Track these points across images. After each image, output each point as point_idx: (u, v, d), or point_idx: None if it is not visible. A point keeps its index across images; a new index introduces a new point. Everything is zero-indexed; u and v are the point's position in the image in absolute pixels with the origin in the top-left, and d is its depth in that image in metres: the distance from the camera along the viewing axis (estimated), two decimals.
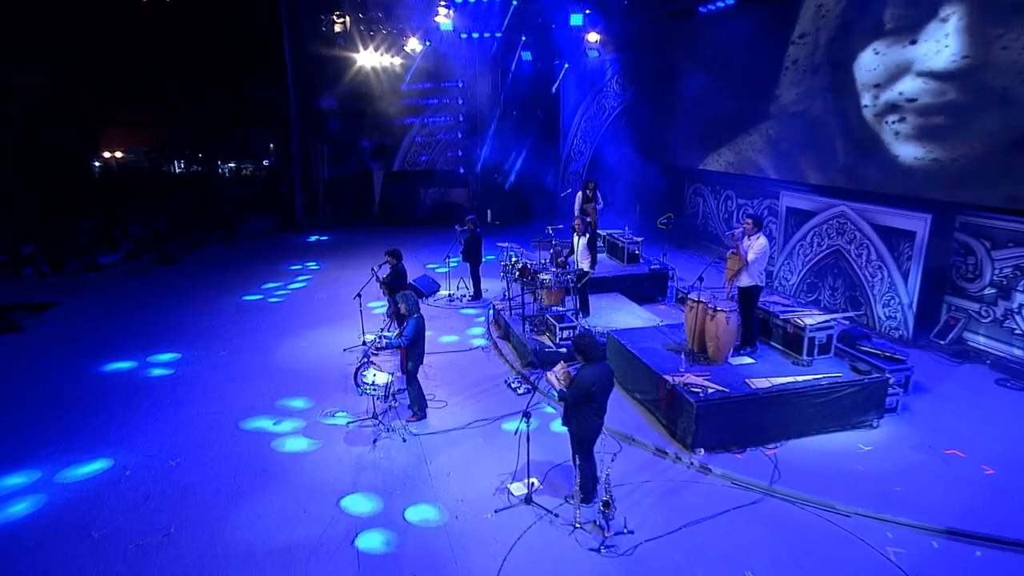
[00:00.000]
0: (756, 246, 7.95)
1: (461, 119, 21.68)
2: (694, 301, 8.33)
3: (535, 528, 6.02)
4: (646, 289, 12.54)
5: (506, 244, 11.02)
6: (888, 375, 7.53)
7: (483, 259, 12.92)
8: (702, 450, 7.08)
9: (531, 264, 10.22)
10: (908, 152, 9.83)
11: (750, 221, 8.00)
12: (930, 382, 8.58)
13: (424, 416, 8.10)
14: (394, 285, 10.12)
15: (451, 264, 13.23)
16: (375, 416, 7.99)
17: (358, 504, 6.44)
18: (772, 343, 8.58)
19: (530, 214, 20.57)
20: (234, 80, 26.98)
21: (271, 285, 14.54)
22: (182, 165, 35.71)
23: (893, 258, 10.15)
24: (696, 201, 17.37)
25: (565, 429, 6.10)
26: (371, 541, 5.88)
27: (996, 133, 8.58)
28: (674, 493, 6.57)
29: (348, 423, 8.00)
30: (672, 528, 5.97)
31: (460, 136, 21.82)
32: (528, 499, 6.39)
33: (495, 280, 13.53)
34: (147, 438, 7.81)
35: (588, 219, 11.48)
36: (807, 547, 5.68)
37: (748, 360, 8.17)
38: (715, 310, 7.93)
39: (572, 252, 11.02)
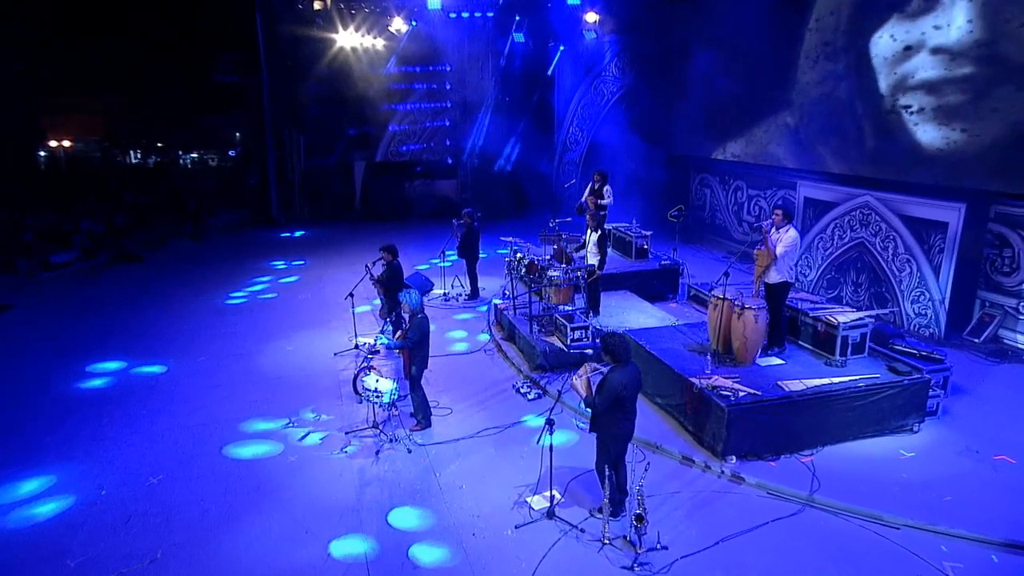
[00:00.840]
0: (786, 239, 7.89)
1: (449, 106, 21.50)
2: (718, 298, 8.25)
3: (561, 545, 5.91)
4: (656, 286, 12.47)
5: (510, 238, 10.88)
6: (927, 376, 7.51)
7: (480, 255, 12.77)
8: (733, 458, 7.01)
9: (538, 259, 10.09)
10: (937, 137, 9.86)
11: (780, 212, 7.93)
12: (968, 383, 8.59)
13: (429, 424, 7.96)
14: (389, 284, 9.96)
15: (446, 261, 13.06)
16: (376, 425, 7.82)
17: (365, 522, 6.26)
18: (800, 342, 8.53)
19: (525, 207, 20.44)
20: (199, 63, 26.51)
21: (251, 285, 14.27)
22: (138, 155, 35.13)
23: (923, 251, 10.18)
24: (703, 192, 17.37)
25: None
26: (381, 561, 5.72)
27: None
28: (706, 504, 6.50)
29: (347, 433, 7.83)
30: (708, 543, 5.89)
31: (448, 124, 21.64)
32: (551, 513, 6.28)
33: (493, 278, 13.42)
34: (123, 453, 7.57)
35: (589, 212, 11.55)
36: (856, 562, 5.62)
37: (777, 361, 8.11)
38: (743, 308, 7.86)
39: (583, 246, 10.94)
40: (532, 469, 7.05)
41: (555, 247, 11.21)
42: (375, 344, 7.61)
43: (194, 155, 37.01)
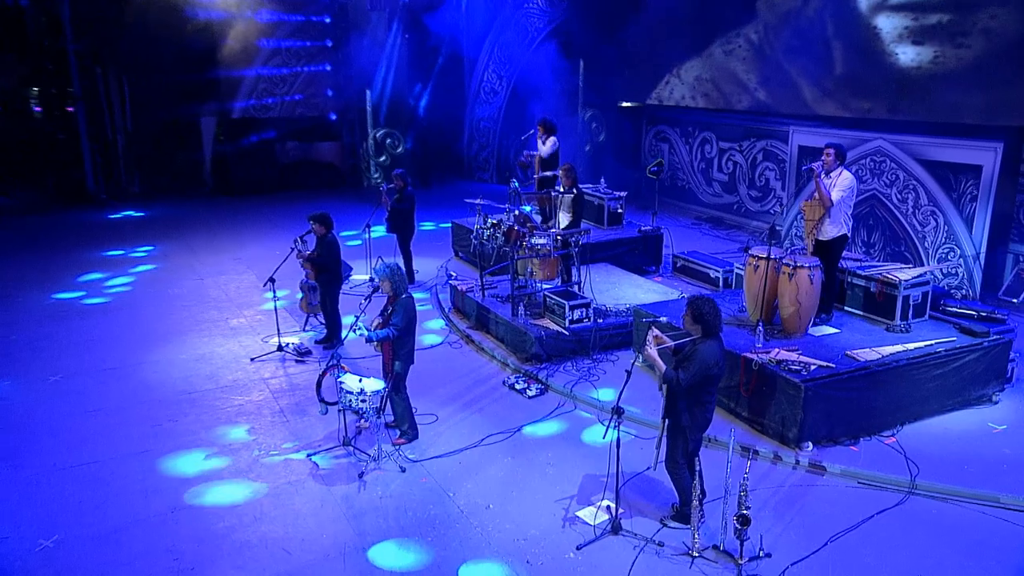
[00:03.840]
0: (840, 183, 8.21)
1: (331, 45, 20.76)
2: (757, 257, 8.47)
3: (641, 563, 5.86)
4: (633, 258, 12.66)
5: (478, 200, 10.62)
6: (1007, 336, 8.10)
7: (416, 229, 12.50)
8: (810, 444, 7.22)
9: (517, 227, 9.96)
10: (967, 65, 10.64)
11: (832, 151, 8.22)
12: None
13: (416, 435, 7.65)
14: (320, 262, 9.55)
15: (369, 235, 12.62)
16: (347, 442, 7.40)
17: (379, 563, 5.89)
18: (848, 308, 8.94)
19: (434, 174, 20.22)
20: None
21: (87, 279, 13.11)
22: None
23: (952, 200, 10.99)
24: (659, 148, 17.83)
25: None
26: None
27: None
28: (793, 501, 6.67)
29: (308, 455, 7.35)
30: (816, 545, 6.03)
31: (329, 68, 20.90)
32: (616, 527, 6.20)
33: (426, 259, 13.31)
34: None
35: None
36: (989, 552, 5.95)
37: (831, 329, 8.46)
38: (795, 266, 8.09)
39: (553, 208, 11.05)
40: (567, 477, 7.05)
41: (516, 213, 11.17)
42: (354, 328, 7.13)
43: None
